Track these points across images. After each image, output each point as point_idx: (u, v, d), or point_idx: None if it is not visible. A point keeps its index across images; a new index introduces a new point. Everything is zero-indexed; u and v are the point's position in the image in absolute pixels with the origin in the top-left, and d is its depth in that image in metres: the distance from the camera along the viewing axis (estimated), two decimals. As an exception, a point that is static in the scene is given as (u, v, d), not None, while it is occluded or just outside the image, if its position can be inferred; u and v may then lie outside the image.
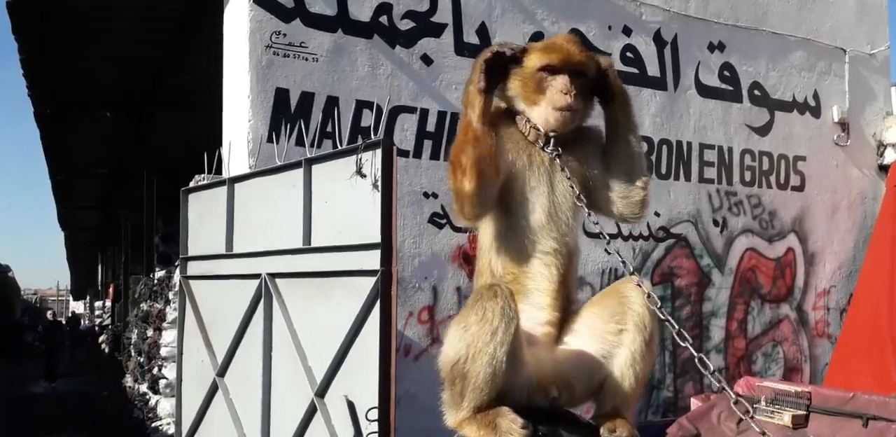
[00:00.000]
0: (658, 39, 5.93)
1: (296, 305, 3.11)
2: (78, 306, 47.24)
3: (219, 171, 4.02)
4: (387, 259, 2.58)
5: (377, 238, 2.62)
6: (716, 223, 6.15)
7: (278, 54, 4.27)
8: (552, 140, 2.45)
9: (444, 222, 4.83)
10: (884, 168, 7.13)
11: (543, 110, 2.44)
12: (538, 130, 2.46)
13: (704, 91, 6.14)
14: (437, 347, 4.93)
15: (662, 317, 2.28)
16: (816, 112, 6.80)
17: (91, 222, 17.70)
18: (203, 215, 3.98)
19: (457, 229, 4.88)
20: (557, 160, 2.44)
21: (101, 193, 13.66)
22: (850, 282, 6.85)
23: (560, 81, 2.42)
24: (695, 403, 3.13)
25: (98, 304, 28.19)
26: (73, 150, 10.07)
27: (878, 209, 6.90)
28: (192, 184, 4.25)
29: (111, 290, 17.99)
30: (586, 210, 2.45)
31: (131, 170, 10.91)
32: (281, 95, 4.26)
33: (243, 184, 3.60)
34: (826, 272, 6.77)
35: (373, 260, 2.64)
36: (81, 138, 9.42)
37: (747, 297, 6.30)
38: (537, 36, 5.28)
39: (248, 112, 4.14)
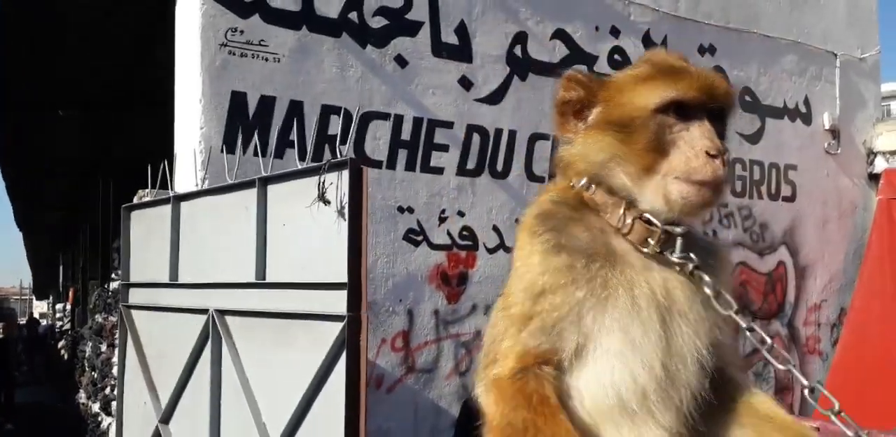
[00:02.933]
0: (647, 41, 5.56)
1: (248, 349, 2.67)
2: (41, 306, 46.04)
3: (167, 185, 3.56)
4: (355, 303, 2.16)
5: (343, 276, 2.20)
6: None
7: (234, 54, 3.81)
8: (679, 241, 1.42)
9: (420, 239, 4.41)
10: (873, 177, 6.89)
11: (663, 183, 1.40)
12: (650, 223, 1.43)
13: (695, 96, 5.79)
14: (413, 376, 4.59)
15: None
16: (807, 119, 6.51)
17: (50, 223, 17.02)
18: (147, 236, 3.52)
19: (434, 247, 4.47)
20: (704, 277, 1.41)
21: (61, 194, 13.06)
22: (840, 296, 6.58)
23: (701, 132, 1.41)
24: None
25: (59, 306, 27.27)
26: (28, 148, 9.51)
27: (869, 220, 6.66)
28: (135, 199, 3.77)
29: (71, 294, 17.32)
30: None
31: (91, 171, 10.38)
32: (237, 100, 3.79)
33: (190, 203, 3.16)
34: (817, 286, 6.49)
35: (338, 302, 2.22)
36: (36, 137, 8.87)
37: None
38: (521, 37, 4.89)
39: (199, 118, 3.67)
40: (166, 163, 3.40)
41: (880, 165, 6.92)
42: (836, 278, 6.60)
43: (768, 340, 1.42)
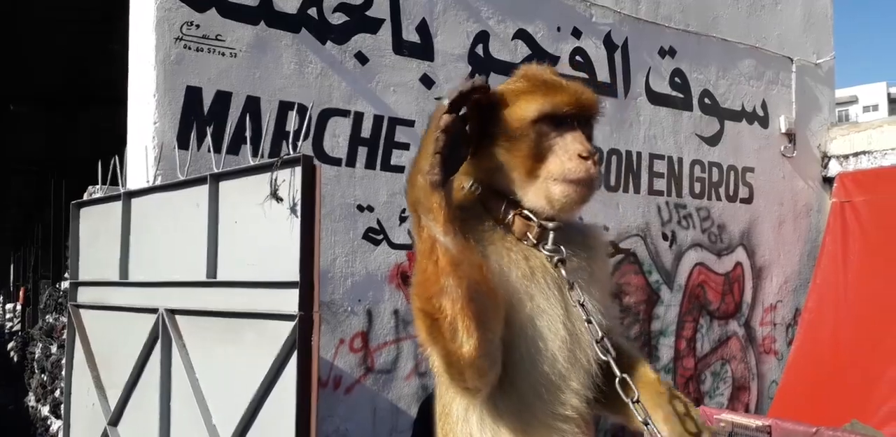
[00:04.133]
0: (608, 43, 5.60)
1: (198, 349, 2.61)
2: (-9, 307, 44.77)
3: (117, 181, 3.46)
4: (307, 303, 2.11)
5: (296, 275, 2.15)
6: (665, 237, 5.87)
7: (190, 48, 3.73)
8: (551, 235, 1.59)
9: (380, 238, 4.37)
10: (828, 180, 7.04)
11: (544, 185, 1.57)
12: (529, 218, 1.59)
13: (655, 98, 5.85)
14: (371, 377, 4.54)
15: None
16: (764, 122, 6.63)
17: (2, 221, 16.57)
18: (96, 234, 3.42)
19: (394, 246, 4.43)
20: (563, 271, 1.55)
21: (14, 192, 12.73)
22: (796, 297, 6.71)
23: (573, 138, 1.59)
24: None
25: (9, 306, 26.53)
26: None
27: (823, 223, 6.80)
28: (85, 196, 3.67)
29: (21, 293, 16.89)
30: (611, 362, 1.50)
31: (46, 168, 10.13)
32: (192, 95, 3.71)
33: (141, 199, 3.08)
34: (773, 287, 6.60)
35: (290, 301, 2.18)
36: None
37: (696, 314, 6.05)
38: (482, 36, 4.88)
39: (153, 114, 3.58)
40: (117, 159, 3.31)
41: (834, 168, 7.08)
42: (792, 279, 6.73)
43: (600, 333, 1.54)
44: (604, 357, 1.50)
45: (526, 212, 1.59)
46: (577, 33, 5.40)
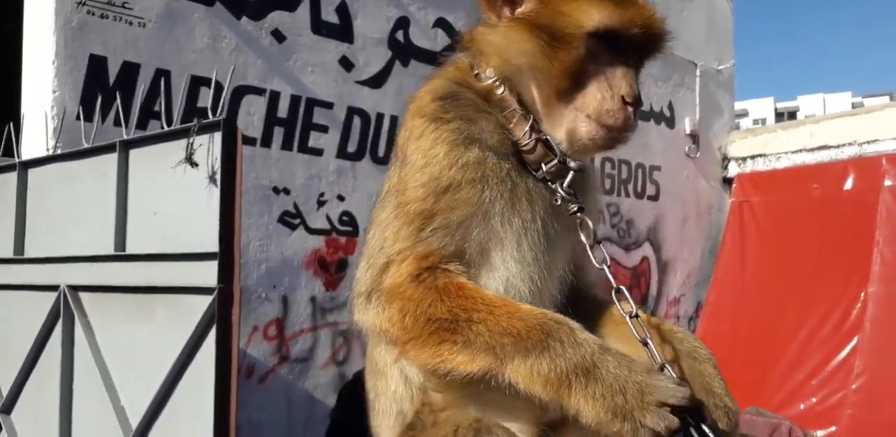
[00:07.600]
0: (527, 37, 5.66)
1: (105, 327, 2.43)
2: None
3: (12, 152, 3.20)
4: (226, 275, 1.99)
5: (214, 247, 2.03)
6: (577, 231, 5.98)
7: (94, 14, 3.49)
8: (570, 175, 1.41)
9: (296, 222, 4.23)
10: (727, 181, 7.37)
11: (572, 117, 1.36)
12: (551, 147, 1.39)
13: (570, 94, 5.95)
14: (286, 366, 4.39)
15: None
16: (671, 123, 6.87)
17: None
18: (-14, 208, 3.14)
19: (312, 231, 4.30)
20: (590, 223, 1.43)
21: None
22: (697, 291, 6.98)
23: (623, 74, 1.36)
24: None
25: None
26: None
27: (723, 220, 7.11)
28: (-27, 168, 3.36)
29: None
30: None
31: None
32: (96, 64, 3.48)
33: (40, 170, 2.85)
34: (677, 281, 6.85)
35: (208, 274, 2.05)
36: None
37: (605, 306, 6.19)
38: (403, 21, 4.83)
39: (52, 82, 3.33)
40: (11, 126, 3.05)
41: (733, 169, 7.42)
42: (694, 273, 7.00)
43: (625, 290, 1.49)
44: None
45: (550, 141, 1.37)
46: (497, 26, 5.41)
